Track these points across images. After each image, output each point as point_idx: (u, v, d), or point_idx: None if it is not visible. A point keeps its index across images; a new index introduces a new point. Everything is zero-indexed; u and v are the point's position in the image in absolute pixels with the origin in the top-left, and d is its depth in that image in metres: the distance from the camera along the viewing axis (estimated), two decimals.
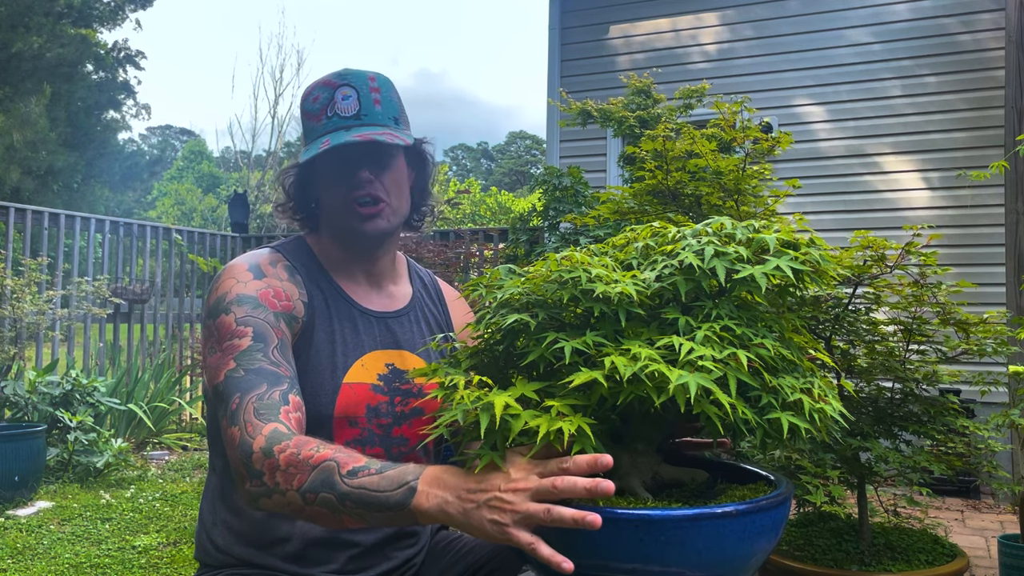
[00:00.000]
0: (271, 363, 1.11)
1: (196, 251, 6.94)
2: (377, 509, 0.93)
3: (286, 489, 0.97)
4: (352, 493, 0.94)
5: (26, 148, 17.82)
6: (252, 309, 1.15)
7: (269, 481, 0.99)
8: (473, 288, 1.07)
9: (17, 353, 4.82)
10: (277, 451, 0.99)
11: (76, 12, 20.07)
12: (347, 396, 1.22)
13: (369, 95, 1.25)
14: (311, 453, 0.97)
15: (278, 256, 1.27)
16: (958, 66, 5.11)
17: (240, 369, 1.09)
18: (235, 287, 1.18)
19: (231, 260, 1.25)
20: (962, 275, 2.96)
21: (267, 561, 1.21)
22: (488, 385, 0.91)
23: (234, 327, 1.13)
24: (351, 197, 1.24)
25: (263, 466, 0.99)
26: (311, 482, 0.96)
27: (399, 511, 0.92)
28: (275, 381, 1.09)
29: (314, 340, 1.22)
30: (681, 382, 0.84)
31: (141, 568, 3.05)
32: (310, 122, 1.25)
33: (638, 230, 1.11)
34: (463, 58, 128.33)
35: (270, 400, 1.06)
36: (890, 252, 2.33)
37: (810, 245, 1.00)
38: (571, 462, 0.85)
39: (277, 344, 1.14)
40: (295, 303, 1.22)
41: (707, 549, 0.85)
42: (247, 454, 1.01)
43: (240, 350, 1.11)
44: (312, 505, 0.96)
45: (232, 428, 1.04)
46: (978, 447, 2.51)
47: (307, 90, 1.27)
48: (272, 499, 0.99)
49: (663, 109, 4.56)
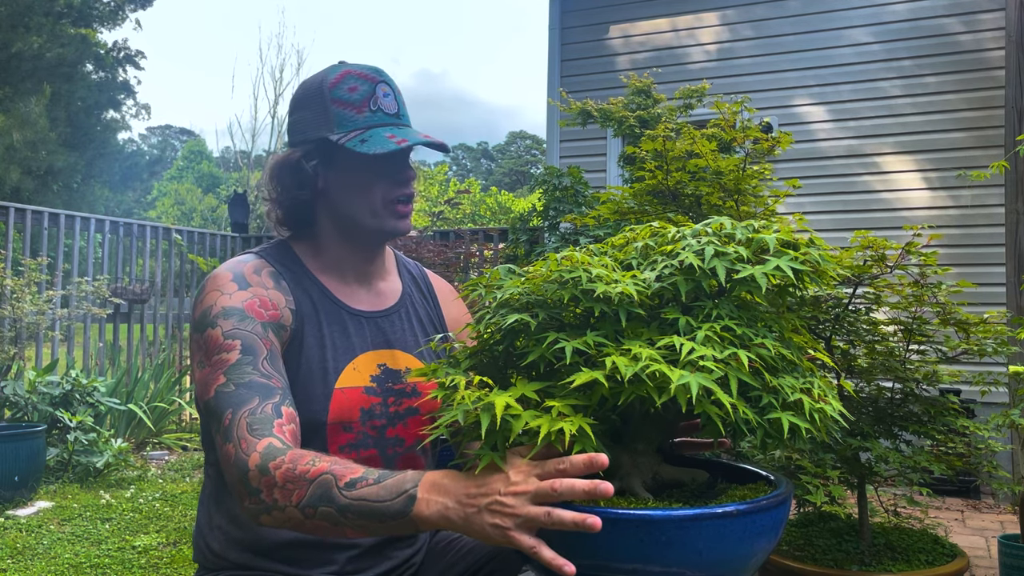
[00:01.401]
0: (262, 376, 1.09)
1: (196, 251, 6.94)
2: (378, 519, 0.92)
3: (285, 505, 0.97)
4: (352, 505, 0.93)
5: (26, 148, 17.81)
6: (239, 321, 1.13)
7: (267, 498, 0.98)
8: (472, 288, 1.07)
9: (17, 353, 4.82)
10: (272, 468, 0.98)
11: (76, 12, 20.07)
12: (340, 402, 1.21)
13: (399, 96, 1.27)
14: (307, 468, 0.96)
15: (262, 262, 1.24)
16: (958, 66, 5.11)
17: (231, 384, 1.07)
18: (220, 299, 1.15)
19: (215, 268, 1.22)
20: (962, 275, 2.96)
21: (264, 565, 1.21)
22: (488, 385, 0.91)
23: (222, 340, 1.11)
24: (395, 195, 1.23)
25: (260, 483, 0.98)
26: (309, 497, 0.95)
27: (400, 520, 0.91)
28: (267, 394, 1.07)
29: (304, 347, 1.20)
30: (682, 382, 0.84)
31: (141, 568, 3.05)
32: (346, 111, 1.22)
33: (637, 230, 1.11)
34: (463, 58, 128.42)
35: (263, 414, 1.04)
36: (890, 252, 2.33)
37: (809, 245, 1.00)
38: (568, 463, 0.85)
39: (266, 355, 1.12)
40: (282, 311, 1.19)
41: (708, 549, 0.85)
42: (243, 472, 1.00)
43: (229, 364, 1.09)
44: (312, 519, 0.95)
45: (227, 445, 1.03)
46: (978, 447, 2.51)
47: (336, 78, 1.24)
48: (272, 515, 0.99)
49: (663, 109, 4.56)
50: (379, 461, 1.23)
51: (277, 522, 0.99)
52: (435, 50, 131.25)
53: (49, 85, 18.76)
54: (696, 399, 0.84)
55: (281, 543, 1.20)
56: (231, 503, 1.22)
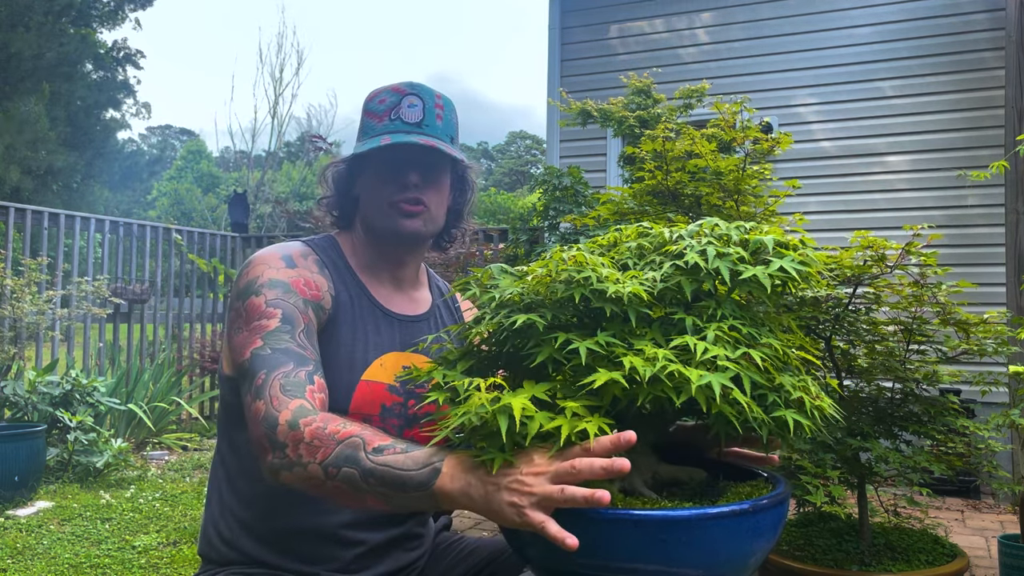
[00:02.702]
0: (298, 345, 1.13)
1: (196, 251, 6.94)
2: (401, 488, 0.93)
3: (308, 462, 0.98)
4: (376, 470, 0.94)
5: (26, 148, 17.81)
6: (283, 293, 1.18)
7: (292, 453, 0.99)
8: (465, 287, 1.07)
9: (17, 353, 4.82)
10: (303, 424, 1.00)
11: (75, 11, 20.06)
12: (363, 393, 1.23)
13: (433, 109, 1.30)
14: (338, 428, 0.99)
15: (309, 250, 1.29)
16: (958, 66, 5.12)
17: (267, 347, 1.11)
18: (267, 271, 1.20)
19: (257, 251, 1.28)
20: (962, 275, 2.96)
21: (272, 559, 1.21)
22: (501, 386, 0.91)
23: (264, 308, 1.15)
24: (397, 196, 1.27)
25: (287, 438, 1.00)
26: (335, 456, 0.96)
27: (422, 491, 0.92)
28: (301, 361, 1.11)
29: (337, 334, 1.24)
30: (703, 382, 0.85)
31: (141, 568, 3.05)
32: (371, 120, 1.29)
33: (624, 229, 1.12)
34: (463, 58, 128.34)
35: (296, 378, 1.08)
36: (890, 252, 2.33)
37: (801, 245, 1.01)
38: (595, 442, 0.86)
39: (304, 328, 1.16)
40: (324, 295, 1.24)
41: (722, 547, 0.86)
42: (272, 426, 1.02)
43: (268, 330, 1.13)
44: (333, 480, 0.97)
45: (257, 402, 1.06)
46: (978, 447, 2.51)
47: (373, 92, 1.32)
48: (293, 472, 1.00)
49: (663, 109, 4.56)
50: None
51: (297, 479, 1.00)
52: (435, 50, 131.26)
53: (49, 84, 18.75)
54: (719, 399, 0.85)
55: (292, 531, 1.21)
56: (245, 486, 1.24)
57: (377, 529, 1.25)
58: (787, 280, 0.97)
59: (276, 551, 1.21)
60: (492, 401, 0.88)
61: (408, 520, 1.29)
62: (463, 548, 1.35)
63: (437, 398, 0.96)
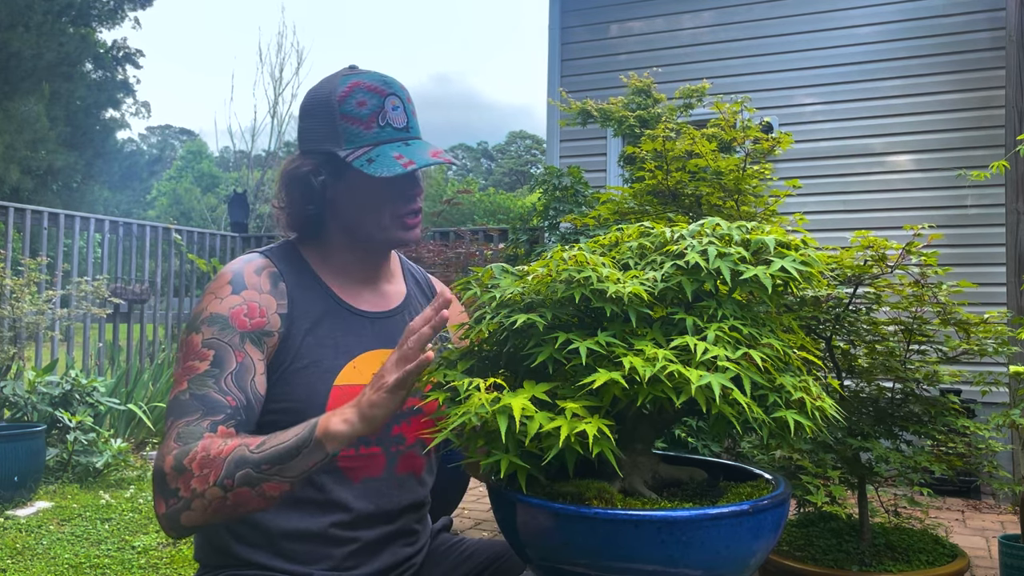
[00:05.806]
0: (219, 391, 1.12)
1: (195, 251, 6.94)
2: (289, 456, 1.01)
3: (203, 490, 1.02)
4: (265, 455, 1.01)
5: (25, 148, 17.82)
6: (219, 331, 1.16)
7: (186, 493, 1.03)
8: (465, 287, 1.07)
9: (17, 353, 4.82)
10: (187, 462, 1.04)
11: (75, 11, 20.05)
12: (338, 399, 1.21)
13: (409, 107, 1.27)
14: (220, 448, 1.03)
15: (267, 262, 1.25)
16: (958, 66, 5.11)
17: (188, 392, 1.12)
18: (212, 304, 1.19)
19: (229, 262, 1.25)
20: (962, 275, 2.96)
21: (265, 561, 1.21)
22: (501, 387, 0.91)
23: (199, 348, 1.15)
24: (403, 211, 1.26)
25: (177, 482, 1.04)
26: (226, 469, 1.02)
27: (309, 446, 1.01)
28: (212, 411, 1.11)
29: (302, 346, 1.21)
30: (704, 382, 0.85)
31: (141, 568, 3.04)
32: (354, 126, 1.22)
33: (626, 229, 1.11)
34: (463, 57, 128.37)
35: (196, 428, 1.09)
36: (891, 252, 2.33)
37: (802, 246, 1.01)
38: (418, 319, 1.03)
39: (234, 370, 1.14)
40: (269, 317, 1.20)
41: (726, 547, 0.86)
42: (160, 475, 1.06)
43: (196, 372, 1.13)
44: (232, 491, 1.01)
45: (159, 449, 1.10)
46: (979, 447, 2.50)
47: (346, 90, 1.23)
48: (192, 508, 1.03)
49: (663, 109, 4.56)
50: (382, 458, 1.24)
51: (199, 512, 1.03)
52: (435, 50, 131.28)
53: (48, 84, 18.75)
54: (719, 399, 0.85)
55: (282, 535, 1.21)
56: None
57: (369, 527, 1.24)
58: (788, 280, 0.97)
59: (268, 555, 1.21)
60: (492, 401, 0.88)
61: (401, 516, 1.28)
62: (464, 550, 1.34)
63: (438, 398, 0.96)
